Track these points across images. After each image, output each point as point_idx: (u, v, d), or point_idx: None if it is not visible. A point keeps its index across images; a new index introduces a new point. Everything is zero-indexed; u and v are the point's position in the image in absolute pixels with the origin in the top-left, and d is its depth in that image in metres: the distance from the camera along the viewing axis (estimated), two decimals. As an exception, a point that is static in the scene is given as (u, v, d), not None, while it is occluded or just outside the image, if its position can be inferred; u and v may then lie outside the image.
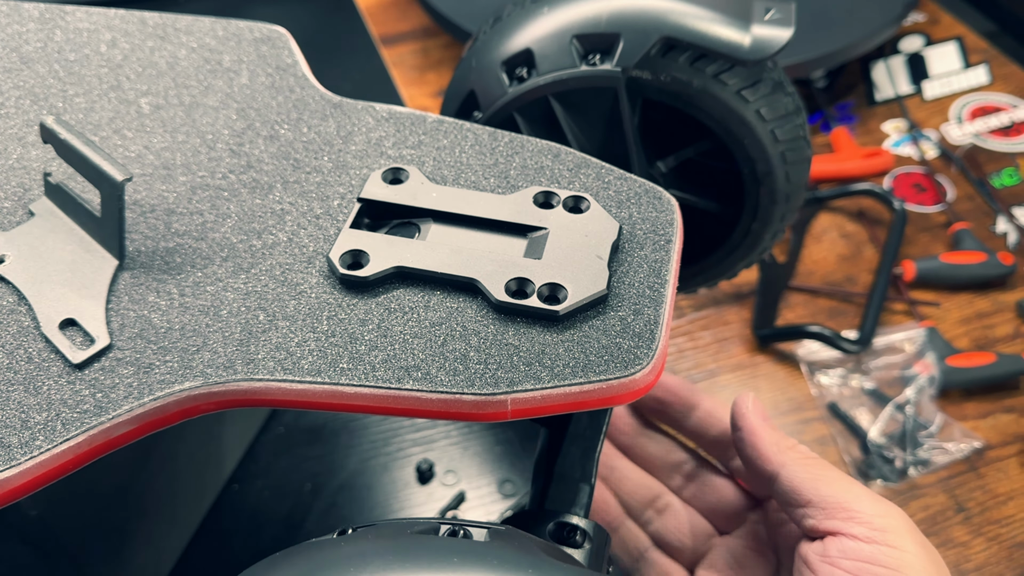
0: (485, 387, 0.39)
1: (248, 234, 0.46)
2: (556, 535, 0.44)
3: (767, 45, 0.53)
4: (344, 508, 0.74)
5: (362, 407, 0.39)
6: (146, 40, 0.58)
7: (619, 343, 0.40)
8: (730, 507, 0.55)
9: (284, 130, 0.52)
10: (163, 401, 0.40)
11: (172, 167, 0.50)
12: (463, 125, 0.52)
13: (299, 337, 0.41)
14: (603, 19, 0.55)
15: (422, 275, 0.43)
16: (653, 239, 0.46)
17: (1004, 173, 1.07)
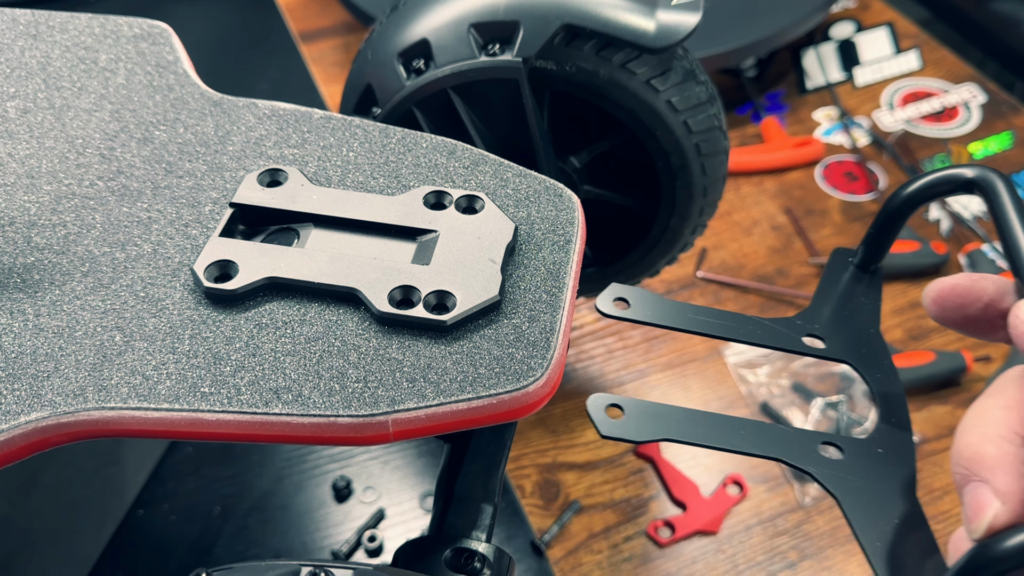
0: (363, 408, 0.35)
1: (112, 246, 0.42)
2: (453, 563, 0.41)
3: (674, 31, 0.51)
4: (255, 531, 0.70)
5: (226, 435, 0.36)
6: (16, 39, 0.54)
7: (512, 353, 0.37)
8: None
9: (159, 132, 0.48)
10: (8, 435, 0.36)
11: (37, 175, 0.46)
12: (352, 121, 0.48)
13: (156, 359, 0.37)
14: (501, 7, 0.52)
15: (298, 286, 0.39)
16: (552, 239, 0.42)
17: (936, 159, 1.06)
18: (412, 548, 0.42)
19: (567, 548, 0.70)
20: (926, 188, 0.43)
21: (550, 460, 0.76)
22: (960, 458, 0.31)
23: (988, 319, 0.37)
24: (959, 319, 0.38)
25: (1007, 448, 0.30)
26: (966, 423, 0.32)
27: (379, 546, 0.69)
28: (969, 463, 0.31)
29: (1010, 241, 0.36)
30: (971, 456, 0.31)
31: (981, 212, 0.99)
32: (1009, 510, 0.29)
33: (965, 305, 0.37)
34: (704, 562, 0.70)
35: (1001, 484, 0.30)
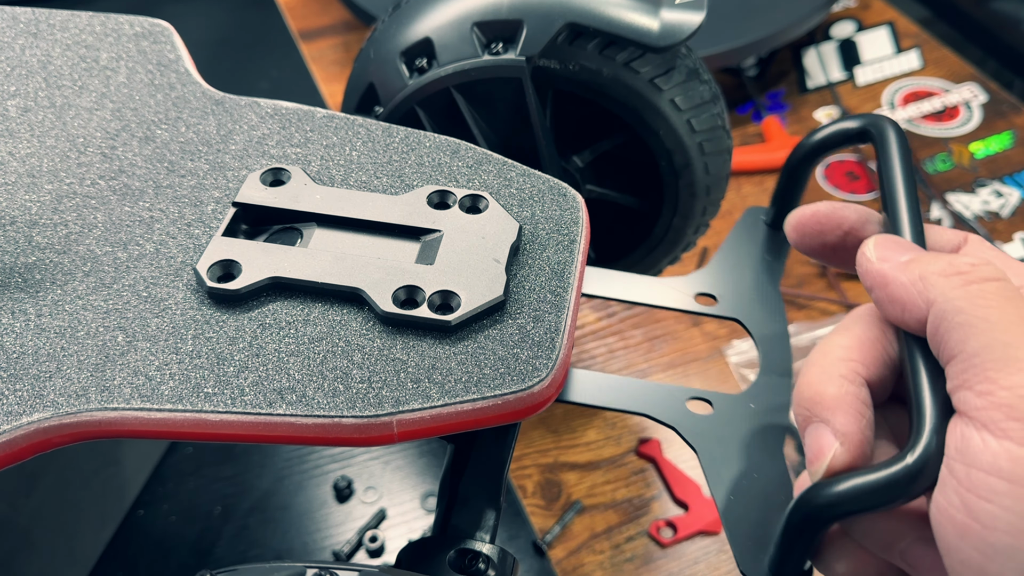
0: (367, 408, 0.35)
1: (114, 245, 0.42)
2: (457, 564, 0.40)
3: (678, 30, 0.50)
4: (256, 532, 0.69)
5: (230, 436, 0.35)
6: (16, 38, 0.54)
7: (516, 354, 0.37)
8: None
9: (161, 131, 0.48)
10: (10, 436, 0.35)
11: (38, 174, 0.46)
12: (355, 120, 0.48)
13: (160, 360, 0.37)
14: (504, 5, 0.52)
15: (301, 286, 0.39)
16: (556, 239, 0.42)
17: (937, 159, 1.05)
18: (416, 549, 0.41)
19: (569, 548, 0.70)
20: (824, 140, 0.42)
21: (551, 460, 0.76)
22: (801, 399, 0.30)
23: (847, 247, 0.36)
24: (818, 246, 0.37)
25: (847, 388, 0.30)
26: (808, 362, 0.31)
27: (380, 546, 0.69)
28: (810, 404, 0.30)
29: (888, 185, 0.35)
30: (811, 396, 0.30)
31: (983, 211, 0.99)
32: (847, 451, 0.28)
33: (824, 232, 0.36)
34: (707, 562, 0.70)
35: (840, 425, 0.29)
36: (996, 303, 0.27)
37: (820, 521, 0.29)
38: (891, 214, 0.34)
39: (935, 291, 0.28)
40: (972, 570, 0.25)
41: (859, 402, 0.29)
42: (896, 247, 0.31)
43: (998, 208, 1.00)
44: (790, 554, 0.31)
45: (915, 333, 0.29)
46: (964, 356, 0.26)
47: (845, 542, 0.31)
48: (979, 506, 0.25)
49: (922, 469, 0.26)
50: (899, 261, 0.30)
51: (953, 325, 0.27)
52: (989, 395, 0.25)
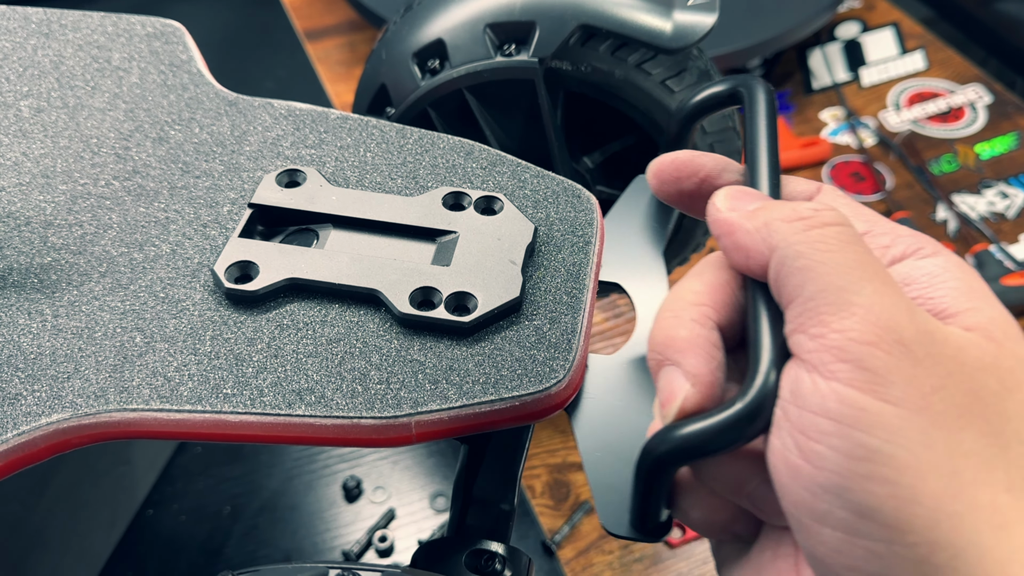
0: (386, 409, 0.35)
1: (130, 246, 0.42)
2: (473, 564, 0.41)
3: (690, 32, 0.51)
4: (265, 531, 0.70)
5: (249, 437, 0.35)
6: (29, 38, 0.54)
7: (533, 355, 0.37)
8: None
9: (174, 131, 0.48)
10: (29, 436, 0.36)
11: (52, 175, 0.46)
12: (368, 122, 0.48)
13: (178, 360, 0.37)
14: (517, 7, 0.52)
15: (318, 287, 0.39)
16: (572, 240, 0.42)
17: (943, 160, 1.06)
18: (431, 549, 0.42)
19: (578, 548, 0.70)
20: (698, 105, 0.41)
21: (560, 460, 0.76)
22: (654, 343, 0.30)
23: (703, 195, 0.35)
24: (675, 192, 0.36)
25: (698, 331, 0.29)
26: (660, 308, 0.31)
27: (390, 546, 0.69)
28: (661, 347, 0.30)
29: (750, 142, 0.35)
30: (663, 340, 0.30)
31: (988, 213, 0.99)
32: (698, 392, 0.28)
33: (681, 178, 0.36)
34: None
35: (691, 366, 0.28)
36: (835, 247, 0.27)
37: (663, 468, 0.29)
38: (749, 165, 0.34)
39: (777, 236, 0.28)
40: (802, 509, 0.25)
41: (710, 344, 0.29)
42: (745, 196, 0.31)
43: (1003, 209, 1.00)
44: (645, 504, 0.31)
45: (759, 279, 0.29)
46: (801, 300, 0.26)
47: (697, 488, 0.31)
48: (809, 446, 0.25)
49: (756, 412, 0.26)
50: (746, 210, 0.30)
51: (792, 269, 0.27)
52: (821, 338, 0.25)
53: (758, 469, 0.28)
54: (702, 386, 0.28)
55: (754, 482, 0.29)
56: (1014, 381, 0.26)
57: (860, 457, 0.24)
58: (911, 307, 0.26)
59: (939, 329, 0.26)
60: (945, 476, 0.24)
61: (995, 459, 0.25)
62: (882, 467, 0.24)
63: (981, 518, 0.24)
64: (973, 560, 0.24)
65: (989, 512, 0.24)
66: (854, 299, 0.25)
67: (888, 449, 0.24)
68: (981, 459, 0.25)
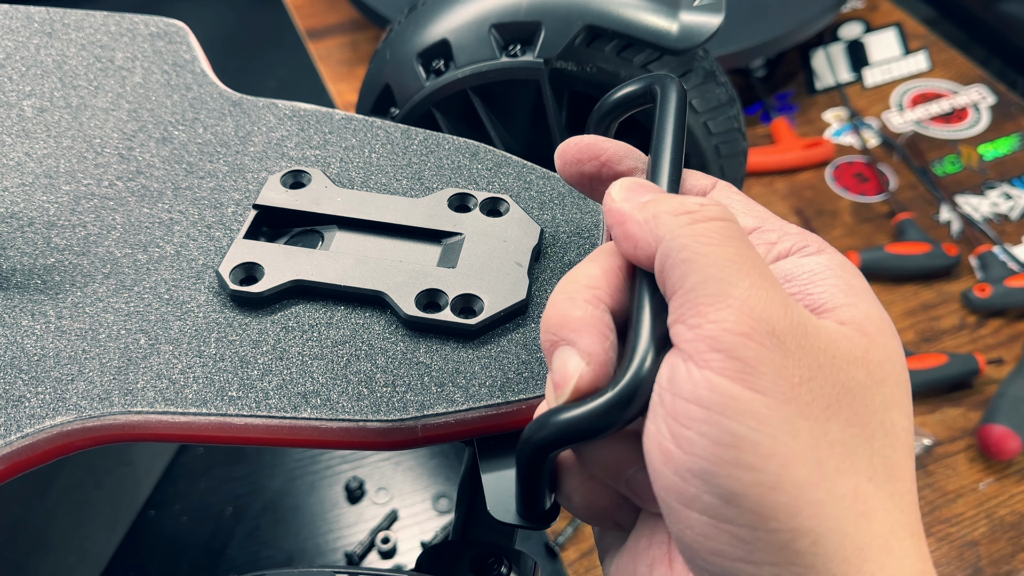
0: (392, 412, 0.35)
1: (134, 247, 0.42)
2: (478, 567, 0.40)
3: (696, 33, 0.50)
4: (268, 532, 0.69)
5: (254, 440, 0.35)
6: (31, 37, 0.54)
7: (540, 358, 0.37)
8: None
9: (178, 131, 0.48)
10: (33, 439, 0.35)
11: (55, 175, 0.46)
12: (373, 123, 0.48)
13: (183, 363, 0.37)
14: (523, 7, 0.52)
15: (324, 289, 0.39)
16: (577, 242, 0.42)
17: (946, 160, 1.05)
18: (436, 552, 0.41)
19: (581, 550, 0.70)
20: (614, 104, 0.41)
21: (563, 462, 0.76)
22: (548, 324, 0.30)
23: (602, 179, 0.36)
24: (576, 174, 0.36)
25: (592, 311, 0.30)
26: (556, 290, 0.31)
27: (392, 547, 0.68)
28: (556, 328, 0.30)
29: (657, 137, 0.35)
30: (558, 321, 0.30)
31: (992, 214, 0.98)
32: (592, 371, 0.28)
33: (582, 160, 0.36)
34: None
35: (586, 345, 0.29)
36: (717, 240, 0.27)
37: (541, 453, 0.29)
38: (653, 158, 0.34)
39: (664, 228, 0.29)
40: (672, 494, 0.26)
41: (603, 325, 0.29)
42: (639, 189, 0.31)
43: (1007, 210, 1.00)
44: (528, 490, 0.31)
45: (647, 269, 0.30)
46: (683, 291, 0.27)
47: (579, 473, 0.31)
48: (680, 432, 0.25)
49: (630, 397, 0.27)
50: (638, 201, 0.31)
51: (676, 261, 0.28)
52: (698, 328, 0.26)
53: (636, 455, 0.29)
54: (596, 365, 0.28)
55: (632, 468, 0.29)
56: (883, 374, 0.27)
57: (727, 444, 0.24)
58: (786, 300, 0.27)
59: (812, 322, 0.27)
60: (809, 464, 0.25)
61: (859, 449, 0.26)
62: (748, 454, 0.24)
63: (842, 506, 0.25)
64: (833, 546, 0.24)
65: (851, 500, 0.25)
66: (731, 291, 0.26)
67: (754, 437, 0.24)
68: (845, 448, 0.25)
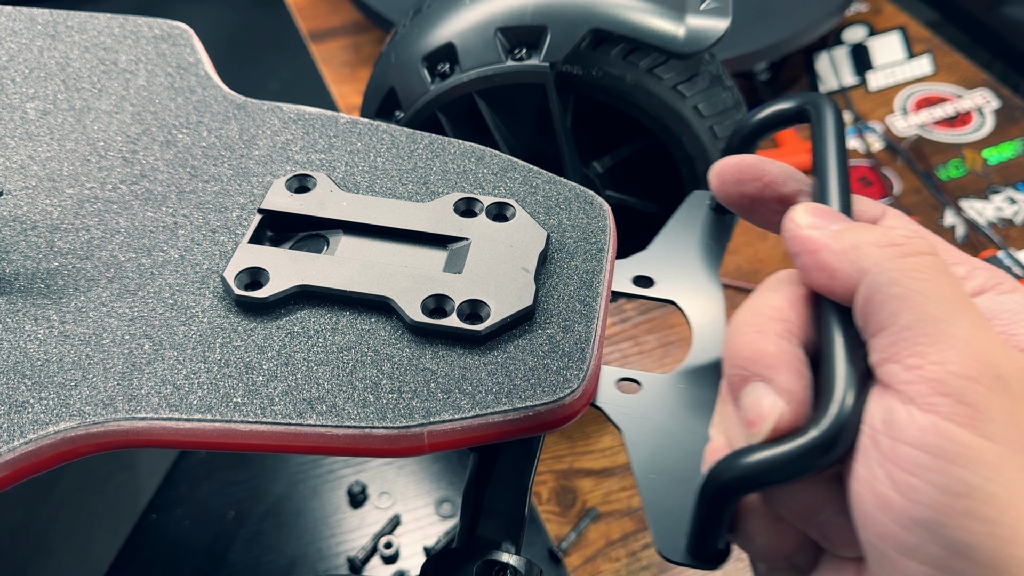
0: (398, 419, 0.35)
1: (137, 251, 0.42)
2: (484, 575, 0.40)
3: (703, 37, 0.50)
4: (270, 537, 0.69)
5: (259, 446, 0.35)
6: (35, 39, 0.54)
7: (547, 364, 0.37)
8: None
9: (182, 135, 0.47)
10: (36, 444, 0.35)
11: (58, 178, 0.45)
12: (379, 126, 0.48)
13: (188, 368, 0.36)
14: (528, 10, 0.51)
15: (329, 294, 0.39)
16: (584, 248, 0.42)
17: (950, 165, 1.05)
18: (441, 560, 0.41)
19: (585, 556, 0.70)
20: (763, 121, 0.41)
21: (567, 467, 0.76)
22: (738, 358, 0.29)
23: (764, 201, 0.35)
24: (736, 195, 0.35)
25: (785, 346, 0.28)
26: (739, 322, 0.30)
27: (395, 553, 0.68)
28: (748, 362, 0.28)
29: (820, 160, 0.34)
30: (749, 355, 0.28)
31: (996, 218, 0.98)
32: (793, 410, 0.27)
33: (743, 181, 0.35)
34: (723, 571, 0.69)
35: (784, 382, 0.27)
36: (931, 277, 0.26)
37: (729, 495, 0.28)
38: (820, 183, 0.33)
39: (868, 261, 0.27)
40: (889, 542, 0.24)
41: (799, 361, 0.28)
42: (827, 215, 0.30)
43: (1012, 215, 0.99)
44: (705, 530, 0.30)
45: (841, 302, 0.29)
46: (895, 329, 0.26)
47: (763, 514, 0.30)
48: (903, 479, 0.24)
49: (835, 439, 0.26)
50: (830, 229, 0.29)
51: (887, 297, 0.26)
52: (918, 369, 0.25)
53: (832, 497, 0.28)
54: (796, 404, 0.27)
55: (828, 510, 0.28)
56: None
57: (959, 493, 0.23)
58: (1004, 342, 0.26)
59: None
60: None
61: None
62: (982, 505, 0.23)
63: None
64: None
65: None
66: (952, 331, 0.25)
67: (988, 487, 0.23)
68: None
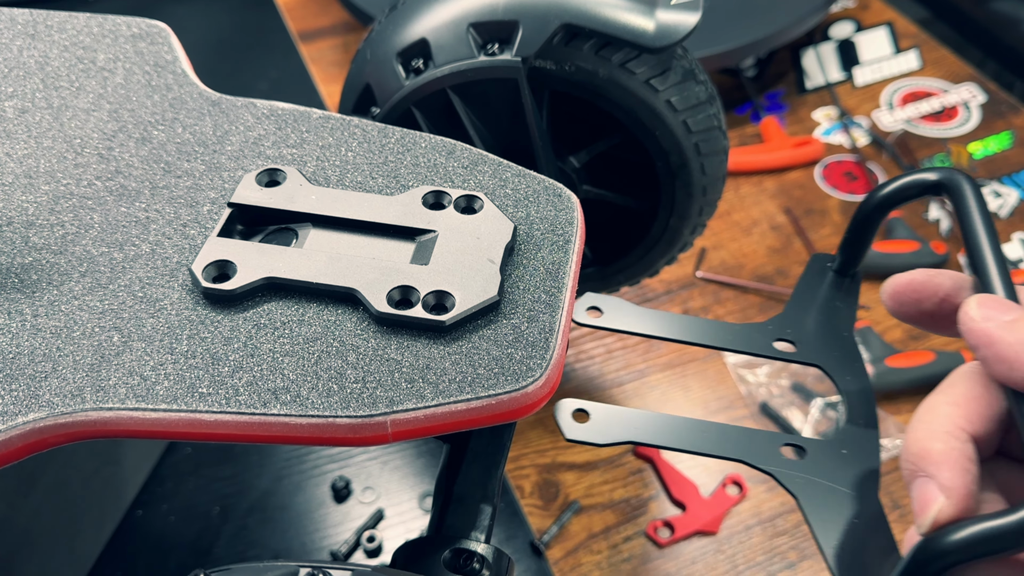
0: (362, 408, 0.35)
1: (110, 246, 0.42)
2: (452, 563, 0.41)
3: (673, 31, 0.51)
4: (255, 531, 0.70)
5: (224, 436, 0.35)
6: (14, 39, 0.54)
7: (511, 354, 0.37)
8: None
9: (157, 131, 0.48)
10: (6, 435, 0.36)
11: (35, 175, 0.46)
12: (350, 121, 0.48)
13: (155, 360, 0.37)
14: (500, 6, 0.52)
15: (296, 286, 0.39)
16: (551, 239, 0.42)
17: (936, 159, 1.05)
18: (411, 549, 0.42)
19: (566, 548, 0.70)
20: (897, 192, 0.43)
21: (549, 460, 0.76)
22: (909, 454, 0.31)
23: (944, 314, 0.37)
24: (915, 314, 0.37)
25: (953, 444, 0.31)
26: (915, 419, 0.32)
27: (378, 546, 0.69)
28: (916, 459, 0.31)
29: (972, 241, 0.36)
30: (918, 452, 0.31)
31: (981, 212, 0.99)
32: (953, 504, 0.29)
33: (921, 300, 0.37)
34: (704, 562, 0.70)
35: (946, 480, 0.30)
36: None
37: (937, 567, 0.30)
38: (981, 274, 0.35)
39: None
40: None
41: (964, 458, 0.30)
42: (999, 306, 0.32)
43: (996, 208, 1.00)
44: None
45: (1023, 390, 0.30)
46: None
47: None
48: None
49: None
50: (1003, 320, 0.31)
51: None
52: None
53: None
54: (957, 499, 0.29)
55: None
56: None
57: None
58: None
59: None
60: None
61: None
62: None
63: None
64: None
65: None
66: None
67: None
68: None
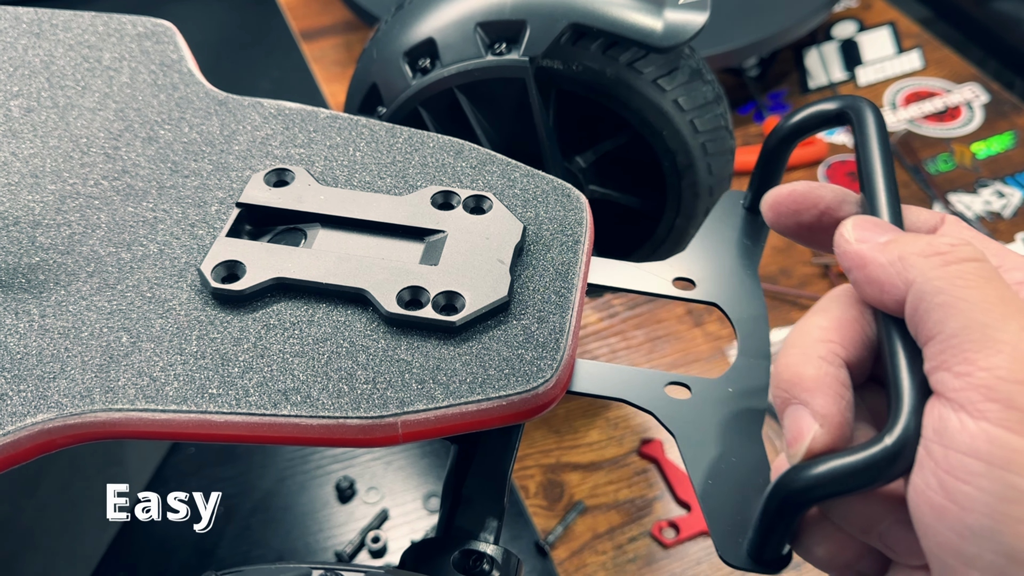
0: (372, 409, 0.35)
1: (117, 246, 0.42)
2: (461, 565, 0.40)
3: (681, 31, 0.50)
4: (258, 532, 0.69)
5: (235, 437, 0.35)
6: (19, 38, 0.54)
7: (521, 355, 0.37)
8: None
9: (164, 131, 0.48)
10: (14, 436, 0.35)
11: (41, 175, 0.46)
12: (358, 121, 0.48)
13: (164, 360, 0.37)
14: (508, 6, 0.52)
15: (306, 286, 0.39)
16: (560, 240, 0.42)
17: (939, 159, 1.05)
18: (420, 549, 0.41)
19: (571, 549, 0.70)
20: (803, 122, 0.41)
21: (554, 461, 0.76)
22: (780, 380, 0.30)
23: (823, 227, 0.35)
24: (793, 225, 0.36)
25: (826, 369, 0.29)
26: (787, 343, 0.31)
27: (383, 547, 0.69)
28: (788, 385, 0.29)
29: (865, 165, 0.35)
30: (790, 378, 0.29)
31: (985, 212, 0.99)
32: (827, 433, 0.28)
33: (800, 211, 0.35)
34: (709, 563, 0.70)
35: (820, 406, 0.28)
36: (975, 283, 0.26)
37: (798, 504, 0.29)
38: (868, 195, 0.34)
39: (914, 271, 0.28)
40: (948, 551, 0.25)
41: (838, 383, 0.29)
42: (875, 227, 0.31)
43: (1000, 208, 1.00)
44: (769, 538, 0.30)
45: (893, 314, 0.29)
46: (943, 337, 0.26)
47: (824, 525, 0.30)
48: (956, 487, 0.24)
49: (900, 451, 0.26)
50: (877, 242, 0.30)
51: (932, 306, 0.27)
52: (967, 376, 0.25)
53: (892, 508, 0.28)
54: (831, 426, 0.28)
55: (886, 521, 0.28)
56: None
57: (1012, 499, 0.23)
58: None
59: None
60: None
61: None
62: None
63: None
64: None
65: None
66: (999, 336, 0.25)
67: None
68: None
